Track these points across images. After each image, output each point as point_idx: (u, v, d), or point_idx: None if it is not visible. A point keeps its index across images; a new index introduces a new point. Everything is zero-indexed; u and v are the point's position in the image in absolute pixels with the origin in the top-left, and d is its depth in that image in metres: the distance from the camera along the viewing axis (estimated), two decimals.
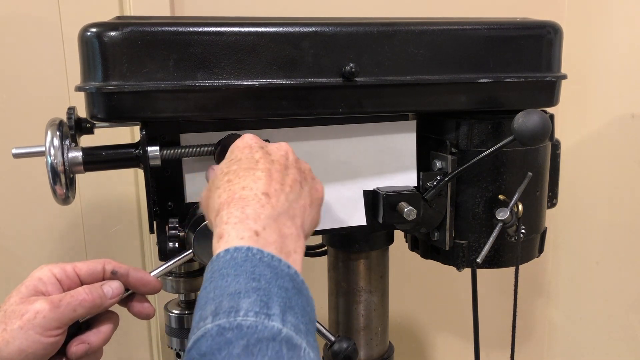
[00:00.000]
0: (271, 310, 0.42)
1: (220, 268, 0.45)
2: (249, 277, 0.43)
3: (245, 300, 0.42)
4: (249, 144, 0.57)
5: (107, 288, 0.59)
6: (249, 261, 0.45)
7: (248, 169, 0.53)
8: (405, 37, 0.66)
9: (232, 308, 0.41)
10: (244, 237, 0.46)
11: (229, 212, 0.48)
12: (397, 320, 1.31)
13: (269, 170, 0.53)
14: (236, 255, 0.45)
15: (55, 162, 0.61)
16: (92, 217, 1.06)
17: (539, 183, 0.74)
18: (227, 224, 0.47)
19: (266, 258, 0.45)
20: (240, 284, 0.43)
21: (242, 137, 0.58)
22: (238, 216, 0.48)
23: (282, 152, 0.56)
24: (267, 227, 0.48)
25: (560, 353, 1.43)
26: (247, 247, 0.45)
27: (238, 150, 0.56)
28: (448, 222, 0.73)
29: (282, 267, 0.46)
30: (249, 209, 0.49)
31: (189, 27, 0.60)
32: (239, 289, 0.43)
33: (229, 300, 0.42)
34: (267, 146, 0.57)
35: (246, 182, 0.51)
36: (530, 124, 0.62)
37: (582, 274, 1.33)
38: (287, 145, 0.58)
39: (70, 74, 0.99)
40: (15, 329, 0.53)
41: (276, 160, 0.55)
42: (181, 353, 0.77)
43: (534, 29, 0.71)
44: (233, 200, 0.49)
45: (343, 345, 0.63)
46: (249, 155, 0.55)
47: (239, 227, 0.47)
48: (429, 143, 0.74)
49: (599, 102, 1.22)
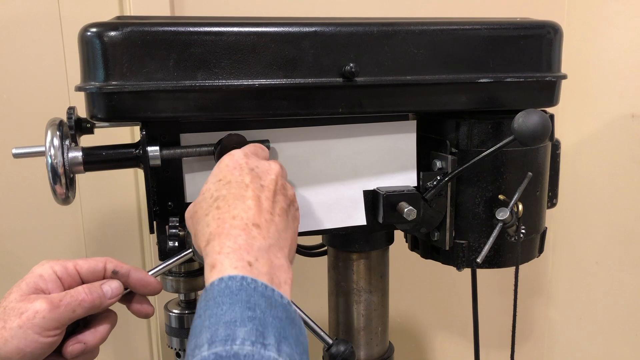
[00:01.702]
0: (267, 340, 0.42)
1: (215, 296, 0.44)
2: (244, 306, 0.43)
3: (241, 329, 0.42)
4: (239, 164, 0.55)
5: (106, 288, 0.59)
6: (243, 290, 0.44)
7: (238, 196, 0.52)
8: (405, 37, 0.66)
9: (228, 336, 0.41)
10: (237, 266, 0.46)
11: (220, 242, 0.48)
12: (397, 320, 1.32)
13: (258, 198, 0.52)
14: (231, 284, 0.45)
15: (55, 162, 0.61)
16: (92, 217, 1.06)
17: (539, 183, 0.74)
18: (219, 254, 0.47)
19: (260, 287, 0.45)
20: (235, 312, 0.43)
21: (231, 154, 0.57)
22: (231, 246, 0.48)
23: (272, 175, 0.55)
24: (259, 258, 0.48)
25: (559, 353, 1.43)
26: (241, 276, 0.45)
27: (227, 170, 0.55)
28: (448, 222, 0.73)
29: (275, 297, 0.46)
30: (240, 239, 0.48)
31: (189, 27, 0.60)
32: (235, 317, 0.43)
33: (225, 329, 0.42)
34: (257, 167, 0.55)
35: (236, 211, 0.51)
36: (530, 124, 0.62)
37: (582, 274, 1.33)
38: (277, 167, 0.56)
39: (70, 74, 0.99)
40: (14, 328, 0.53)
41: (266, 186, 0.54)
42: (181, 353, 0.77)
43: (534, 29, 0.71)
44: (224, 230, 0.49)
45: (340, 348, 0.63)
46: (239, 178, 0.54)
47: (232, 257, 0.47)
48: (429, 143, 0.74)
49: (599, 102, 1.22)
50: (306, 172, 0.71)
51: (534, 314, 1.43)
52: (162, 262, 0.65)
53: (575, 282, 1.35)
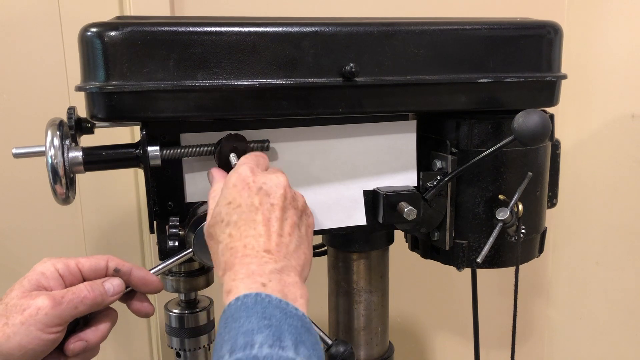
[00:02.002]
0: (284, 343, 0.44)
1: (233, 314, 0.47)
2: (260, 317, 0.46)
3: (258, 336, 0.44)
4: (247, 183, 0.55)
5: (108, 285, 0.59)
6: (258, 304, 0.47)
7: (248, 221, 0.53)
8: (405, 37, 0.66)
9: (247, 343, 0.43)
10: (251, 287, 0.48)
11: (234, 271, 0.51)
12: (397, 320, 1.32)
13: (268, 220, 0.54)
14: (246, 301, 0.47)
15: (55, 162, 0.61)
16: (92, 217, 1.06)
17: (539, 183, 0.74)
18: (234, 281, 0.50)
19: (274, 301, 0.47)
20: (252, 323, 0.45)
21: (237, 172, 0.56)
22: (244, 273, 0.50)
23: (280, 190, 0.55)
24: (272, 279, 0.50)
25: (559, 353, 1.43)
26: (256, 292, 0.48)
27: (236, 191, 0.55)
28: (448, 222, 0.73)
29: (290, 309, 0.48)
30: (253, 266, 0.50)
31: (189, 27, 0.60)
32: (252, 327, 0.45)
33: (243, 338, 0.44)
34: (265, 184, 0.55)
35: (247, 239, 0.52)
36: (530, 124, 0.62)
37: (582, 274, 1.33)
38: (284, 180, 0.57)
39: (70, 74, 0.99)
40: (17, 324, 0.54)
41: (275, 204, 0.55)
42: (181, 352, 0.77)
43: (534, 29, 0.71)
44: (237, 260, 0.51)
45: (340, 349, 0.63)
46: (248, 200, 0.54)
47: (246, 282, 0.49)
48: (429, 143, 0.74)
49: (599, 102, 1.22)
50: (306, 172, 0.71)
51: (534, 314, 1.43)
52: (162, 262, 0.65)
53: (575, 282, 1.35)
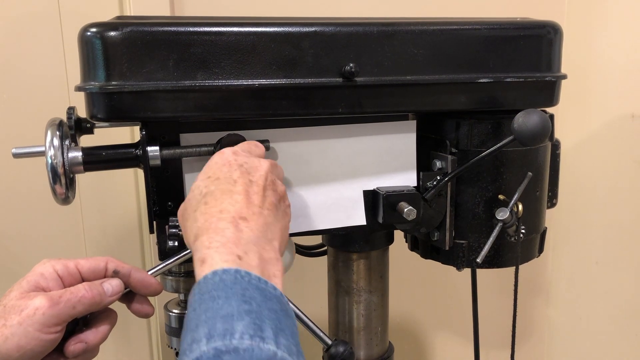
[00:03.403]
0: (264, 333, 0.42)
1: (210, 290, 0.45)
2: (240, 299, 0.44)
3: (239, 323, 0.42)
4: (228, 161, 0.56)
5: (107, 286, 0.59)
6: (238, 284, 0.45)
7: (225, 191, 0.52)
8: (405, 37, 0.66)
9: (226, 331, 0.42)
10: (227, 260, 0.47)
11: (209, 237, 0.49)
12: (397, 320, 1.32)
13: (247, 192, 0.53)
14: (225, 278, 0.45)
15: (55, 162, 0.61)
16: (92, 217, 1.06)
17: (539, 183, 0.74)
18: (209, 249, 0.48)
19: (254, 280, 0.46)
20: (232, 306, 0.43)
21: (221, 152, 0.58)
22: (219, 240, 0.48)
23: (261, 172, 0.56)
24: (248, 251, 0.48)
25: (560, 353, 1.43)
26: (235, 269, 0.46)
27: (217, 167, 0.55)
28: (448, 222, 0.73)
29: (269, 289, 0.46)
30: (228, 232, 0.49)
31: (189, 27, 0.60)
32: (232, 311, 0.43)
33: (223, 323, 0.42)
34: (246, 163, 0.56)
35: (223, 205, 0.51)
36: (530, 124, 0.62)
37: (582, 274, 1.33)
38: (267, 164, 0.57)
39: (70, 74, 0.99)
40: (15, 325, 0.53)
41: (255, 182, 0.54)
42: None
43: (534, 29, 0.71)
44: (212, 225, 0.50)
45: (339, 349, 0.63)
46: (227, 174, 0.54)
47: (221, 251, 0.47)
48: (429, 143, 0.74)
49: (599, 102, 1.22)
50: (306, 172, 0.71)
51: (534, 314, 1.43)
52: (161, 262, 0.65)
53: (575, 282, 1.35)
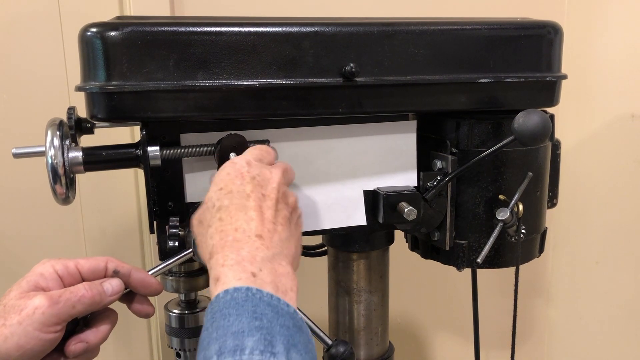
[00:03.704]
0: (275, 349, 0.42)
1: (221, 308, 0.45)
2: (250, 316, 0.44)
3: (249, 339, 0.42)
4: (240, 173, 0.55)
5: (107, 285, 0.59)
6: (249, 301, 0.45)
7: (239, 207, 0.52)
8: (405, 37, 0.66)
9: (237, 347, 0.41)
10: (241, 278, 0.46)
11: (224, 255, 0.49)
12: (397, 320, 1.32)
13: (260, 208, 0.53)
14: (236, 296, 0.45)
15: (55, 162, 0.61)
16: (92, 217, 1.06)
17: (539, 183, 0.74)
18: (223, 267, 0.48)
19: (266, 297, 0.46)
20: (243, 323, 0.43)
21: (233, 162, 0.57)
22: (234, 259, 0.48)
23: (273, 184, 0.55)
24: (263, 268, 0.48)
25: (560, 353, 1.43)
26: (246, 287, 0.46)
27: (229, 179, 0.55)
28: (448, 222, 0.73)
29: (281, 305, 0.46)
30: (243, 251, 0.49)
31: (189, 27, 0.60)
32: (242, 328, 0.43)
33: (233, 339, 0.42)
34: (258, 175, 0.55)
35: (239, 222, 0.51)
36: (531, 124, 0.62)
37: (582, 274, 1.33)
38: (279, 176, 0.57)
39: (70, 74, 0.99)
40: (14, 324, 0.53)
41: (267, 195, 0.54)
42: (181, 353, 0.77)
43: (534, 29, 0.71)
44: (227, 243, 0.50)
45: (340, 349, 0.63)
46: (240, 187, 0.54)
47: (235, 269, 0.47)
48: (429, 143, 0.74)
49: (599, 102, 1.22)
50: (306, 172, 0.71)
51: (534, 314, 1.43)
52: (162, 262, 0.65)
53: (575, 282, 1.35)
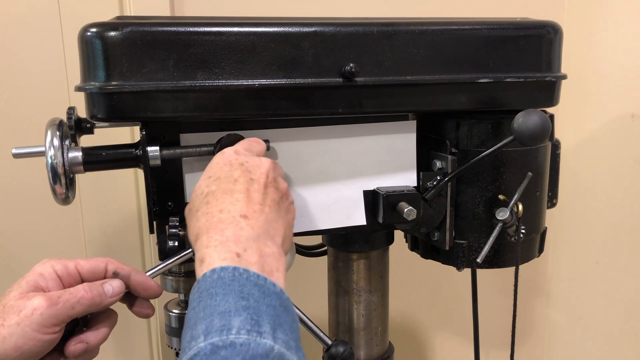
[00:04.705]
0: (262, 328, 0.42)
1: (208, 288, 0.45)
2: (237, 296, 0.44)
3: (236, 319, 0.42)
4: (229, 161, 0.56)
5: (107, 286, 0.59)
6: (236, 280, 0.45)
7: (226, 190, 0.53)
8: (405, 37, 0.66)
9: (223, 326, 0.42)
10: (225, 258, 0.47)
11: (208, 236, 0.49)
12: (397, 320, 1.32)
13: (247, 190, 0.53)
14: (223, 275, 0.45)
15: (55, 162, 0.61)
16: (92, 217, 1.06)
17: (539, 183, 0.74)
18: (207, 247, 0.48)
19: (252, 277, 0.46)
20: (229, 303, 0.43)
21: (222, 152, 0.58)
22: (218, 239, 0.48)
23: (262, 169, 0.56)
24: (247, 248, 0.48)
25: (560, 353, 1.43)
26: (233, 266, 0.46)
27: (218, 167, 0.56)
28: (448, 222, 0.73)
29: (268, 285, 0.46)
30: (228, 231, 0.49)
31: (189, 27, 0.60)
32: (229, 307, 0.43)
33: (220, 319, 0.42)
34: (247, 162, 0.56)
35: (224, 204, 0.51)
36: (530, 124, 0.62)
37: (582, 274, 1.33)
38: (268, 162, 0.57)
39: (70, 74, 0.99)
40: (12, 325, 0.53)
41: (256, 179, 0.55)
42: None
43: (534, 29, 0.71)
44: (212, 225, 0.50)
45: (339, 349, 0.63)
46: (228, 173, 0.54)
47: (219, 249, 0.47)
48: (429, 143, 0.74)
49: (599, 102, 1.22)
50: (306, 172, 0.71)
51: (534, 314, 1.43)
52: (161, 262, 0.65)
53: (575, 282, 1.35)
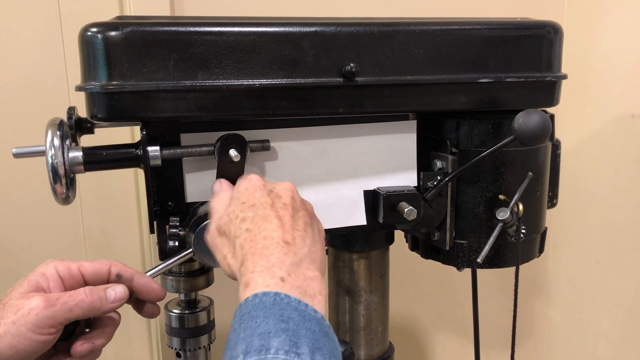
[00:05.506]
0: (300, 350, 0.43)
1: (250, 311, 0.46)
2: (277, 319, 0.44)
3: (275, 340, 0.43)
4: (258, 186, 0.57)
5: (110, 291, 0.59)
6: (277, 305, 0.46)
7: (264, 217, 0.53)
8: (405, 37, 0.66)
9: (262, 346, 0.42)
10: (269, 284, 0.47)
11: (254, 261, 0.50)
12: (397, 320, 1.32)
13: (282, 217, 0.54)
14: (265, 299, 0.46)
15: (55, 162, 0.61)
16: (92, 217, 1.06)
17: (539, 183, 0.74)
18: (253, 273, 0.49)
19: (293, 302, 0.46)
20: (269, 325, 0.44)
21: (248, 178, 0.58)
22: (264, 265, 0.49)
23: (289, 193, 0.57)
24: (291, 273, 0.49)
25: (560, 353, 1.43)
26: (275, 292, 0.47)
27: (248, 193, 0.56)
28: (448, 222, 0.73)
29: (309, 311, 0.47)
30: (273, 257, 0.50)
31: (189, 27, 0.60)
32: (269, 329, 0.44)
33: (259, 340, 0.43)
34: (275, 188, 0.57)
35: (266, 231, 0.52)
36: (531, 124, 0.62)
37: (582, 274, 1.33)
38: (291, 186, 0.58)
39: (70, 74, 0.99)
40: (8, 324, 0.54)
41: (287, 204, 0.55)
42: (181, 353, 0.77)
43: (534, 29, 0.71)
44: (257, 251, 0.51)
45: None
46: (262, 200, 0.55)
47: (265, 275, 0.48)
48: (429, 143, 0.74)
49: (599, 102, 1.22)
50: (306, 172, 0.71)
51: (534, 314, 1.43)
52: (162, 262, 0.65)
53: (575, 282, 1.35)
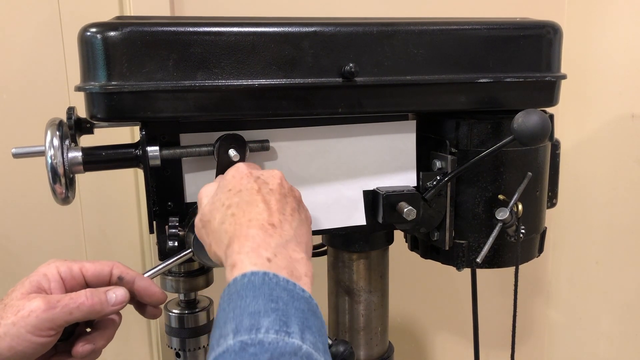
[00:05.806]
0: (290, 329, 0.43)
1: (238, 290, 0.46)
2: (267, 298, 0.45)
3: (265, 319, 0.43)
4: (245, 174, 0.57)
5: (111, 294, 0.59)
6: (266, 284, 0.46)
7: (250, 202, 0.54)
8: (405, 37, 0.66)
9: (252, 326, 0.43)
10: (256, 263, 0.48)
11: (240, 243, 0.50)
12: (397, 320, 1.32)
13: (269, 201, 0.54)
14: (253, 279, 0.46)
15: (55, 162, 0.61)
16: (92, 217, 1.06)
17: (539, 183, 0.74)
18: (239, 254, 0.49)
19: (282, 282, 0.47)
20: (259, 304, 0.44)
21: (235, 166, 0.59)
22: (250, 246, 0.49)
23: (277, 179, 0.57)
24: (277, 254, 0.49)
25: (560, 353, 1.43)
26: (263, 271, 0.47)
27: (235, 180, 0.57)
28: (448, 222, 0.73)
29: (297, 290, 0.47)
30: (258, 238, 0.50)
31: (189, 27, 0.60)
32: (258, 309, 0.44)
33: (249, 319, 0.43)
34: (262, 175, 0.58)
35: (251, 215, 0.52)
36: (530, 124, 0.62)
37: (582, 274, 1.33)
38: (279, 173, 0.58)
39: (70, 74, 0.99)
40: (8, 325, 0.54)
41: (274, 190, 0.56)
42: (181, 353, 0.77)
43: (533, 29, 0.71)
44: (242, 233, 0.51)
45: (339, 349, 0.63)
46: (248, 186, 0.55)
47: (251, 255, 0.48)
48: (428, 143, 0.74)
49: (599, 102, 1.22)
50: (306, 172, 0.71)
51: (534, 314, 1.43)
52: (161, 262, 0.65)
53: (575, 282, 1.35)
